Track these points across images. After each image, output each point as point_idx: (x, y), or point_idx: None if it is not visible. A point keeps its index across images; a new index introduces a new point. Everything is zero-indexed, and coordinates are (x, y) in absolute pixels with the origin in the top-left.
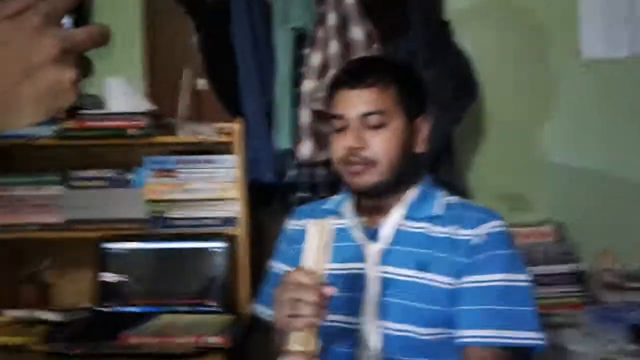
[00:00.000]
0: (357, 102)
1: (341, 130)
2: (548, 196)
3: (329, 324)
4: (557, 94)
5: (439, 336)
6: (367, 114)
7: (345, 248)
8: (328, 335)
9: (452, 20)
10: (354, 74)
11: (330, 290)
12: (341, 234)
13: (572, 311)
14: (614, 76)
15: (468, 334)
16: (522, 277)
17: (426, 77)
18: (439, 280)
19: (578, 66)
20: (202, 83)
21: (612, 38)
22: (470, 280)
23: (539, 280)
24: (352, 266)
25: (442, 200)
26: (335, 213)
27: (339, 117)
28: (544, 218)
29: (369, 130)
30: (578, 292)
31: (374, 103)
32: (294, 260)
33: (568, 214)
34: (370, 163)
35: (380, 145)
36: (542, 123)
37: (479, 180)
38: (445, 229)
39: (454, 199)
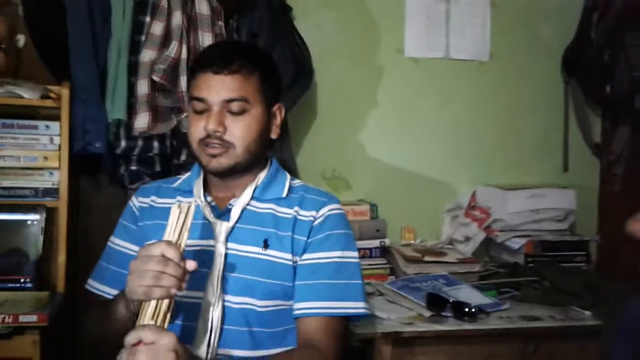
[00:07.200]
0: (220, 88)
1: (202, 112)
2: (365, 179)
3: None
4: (383, 87)
5: (276, 307)
6: (229, 100)
7: (195, 226)
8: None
9: (293, 7)
10: (218, 58)
11: (192, 265)
12: None
13: (379, 281)
14: (432, 73)
15: (305, 306)
16: (354, 254)
17: None
18: (281, 256)
19: (401, 63)
20: (22, 39)
21: (431, 42)
22: (310, 257)
23: None
24: (201, 243)
25: (286, 183)
26: (186, 192)
27: (201, 100)
28: (361, 198)
29: (230, 115)
30: (384, 264)
31: (237, 90)
32: (138, 237)
33: (379, 195)
34: (228, 146)
35: (240, 131)
36: (367, 112)
37: (307, 161)
38: (290, 210)
39: (296, 182)
